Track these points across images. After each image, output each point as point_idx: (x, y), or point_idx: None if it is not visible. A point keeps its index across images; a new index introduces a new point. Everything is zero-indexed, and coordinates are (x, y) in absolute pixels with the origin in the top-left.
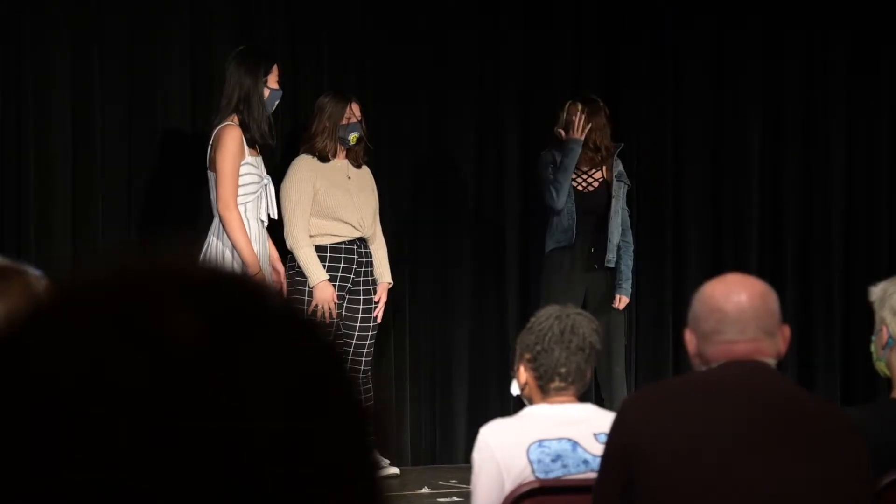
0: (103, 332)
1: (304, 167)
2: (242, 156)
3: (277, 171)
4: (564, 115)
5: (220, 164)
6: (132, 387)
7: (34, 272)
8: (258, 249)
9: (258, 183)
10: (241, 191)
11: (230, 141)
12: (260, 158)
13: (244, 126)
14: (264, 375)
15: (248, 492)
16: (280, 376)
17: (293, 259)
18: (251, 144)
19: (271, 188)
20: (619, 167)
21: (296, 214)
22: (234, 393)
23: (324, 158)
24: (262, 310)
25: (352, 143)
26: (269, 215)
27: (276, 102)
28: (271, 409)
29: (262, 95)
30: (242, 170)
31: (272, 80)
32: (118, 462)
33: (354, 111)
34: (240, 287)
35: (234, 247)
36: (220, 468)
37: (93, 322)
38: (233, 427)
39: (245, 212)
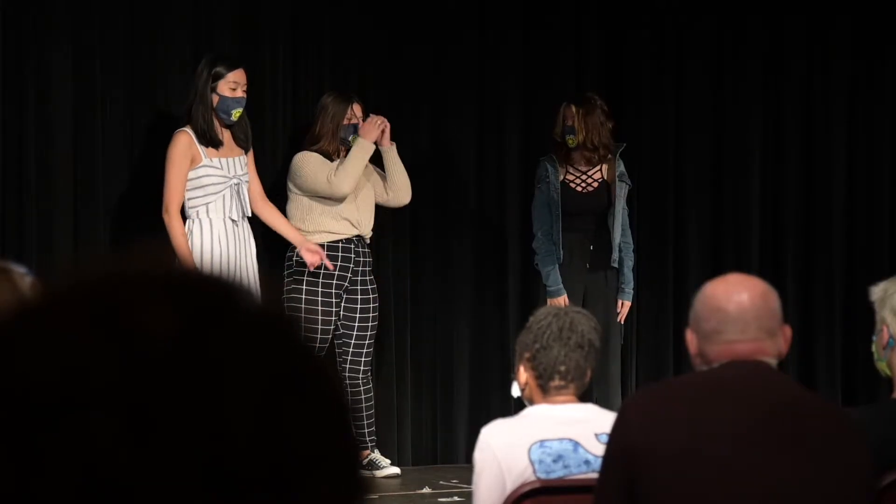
0: (79, 331)
1: (312, 156)
2: (195, 160)
3: (281, 171)
4: (559, 117)
5: (166, 170)
6: (107, 384)
7: (18, 269)
8: (229, 249)
9: (223, 183)
10: (199, 192)
11: (173, 147)
12: (235, 159)
13: (196, 131)
14: (237, 368)
15: (225, 481)
16: (252, 368)
17: (290, 260)
18: (215, 146)
19: (244, 188)
20: (621, 167)
21: (318, 170)
22: (208, 386)
23: (327, 157)
24: (233, 307)
25: (352, 143)
26: (244, 214)
27: (235, 110)
28: (245, 400)
29: (209, 102)
30: (199, 172)
31: (223, 87)
32: (97, 458)
33: (356, 112)
34: (212, 285)
35: (174, 249)
36: (197, 460)
37: (69, 322)
38: (208, 419)
39: (207, 212)
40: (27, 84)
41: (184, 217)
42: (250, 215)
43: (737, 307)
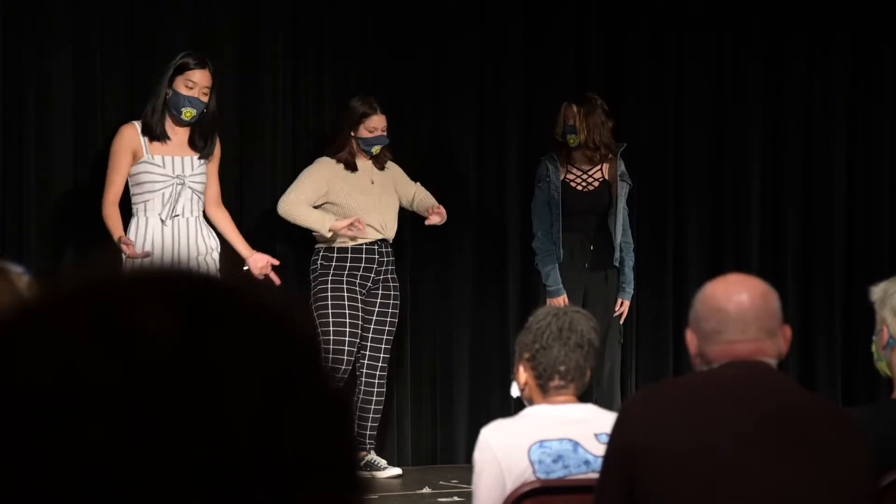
0: (78, 332)
1: (324, 166)
2: (137, 155)
3: (282, 172)
4: (560, 117)
5: (108, 164)
6: (107, 384)
7: (15, 269)
8: (164, 249)
9: (162, 182)
10: (137, 189)
11: (115, 142)
12: (179, 157)
13: (143, 122)
14: (237, 368)
15: (224, 481)
16: (252, 368)
17: (314, 263)
18: (160, 140)
19: (193, 188)
20: (621, 167)
21: (296, 188)
22: (208, 386)
23: (349, 166)
24: (234, 306)
25: (374, 153)
26: (191, 213)
27: (186, 109)
28: (245, 401)
29: (162, 95)
30: (139, 168)
31: (179, 83)
32: (97, 458)
33: (377, 124)
34: (210, 285)
35: None
36: (196, 460)
37: (69, 322)
38: (208, 420)
39: (144, 210)
40: (27, 84)
41: (131, 213)
42: (197, 215)
43: (737, 307)
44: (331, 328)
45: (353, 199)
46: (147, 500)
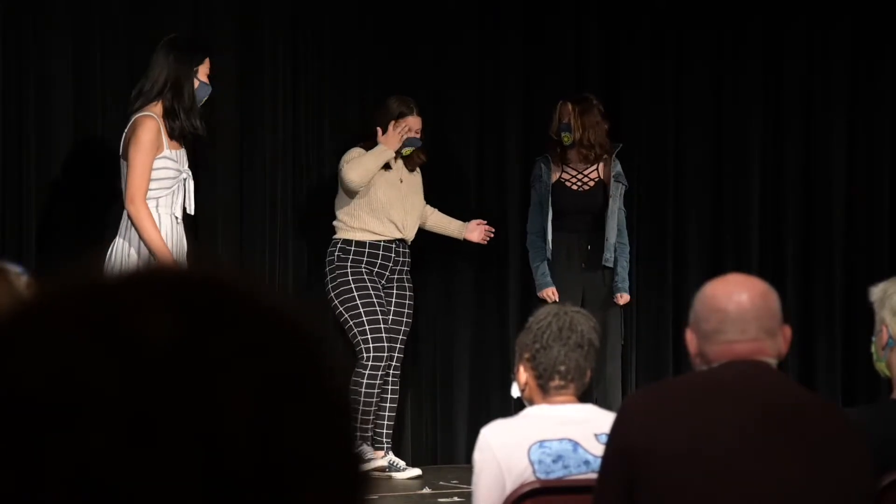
0: (77, 335)
1: (354, 151)
2: (159, 149)
3: (282, 172)
4: (556, 115)
5: (133, 157)
6: (105, 387)
7: (14, 269)
8: (174, 250)
9: (175, 178)
10: (154, 185)
11: (145, 133)
12: (182, 152)
13: (170, 115)
14: (237, 370)
15: (224, 484)
16: (252, 370)
17: (331, 255)
18: (174, 137)
19: (191, 183)
20: (617, 167)
21: (349, 161)
22: (208, 388)
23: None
24: (235, 307)
25: (405, 154)
26: (185, 210)
27: (205, 97)
28: (245, 402)
29: (192, 86)
30: (158, 163)
31: (202, 73)
32: (92, 462)
33: (413, 125)
34: (211, 285)
35: (145, 242)
36: (196, 462)
37: (67, 325)
38: (207, 421)
39: (157, 206)
40: (27, 84)
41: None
42: (192, 212)
43: (737, 307)
44: (361, 310)
45: (380, 191)
46: (147, 501)
